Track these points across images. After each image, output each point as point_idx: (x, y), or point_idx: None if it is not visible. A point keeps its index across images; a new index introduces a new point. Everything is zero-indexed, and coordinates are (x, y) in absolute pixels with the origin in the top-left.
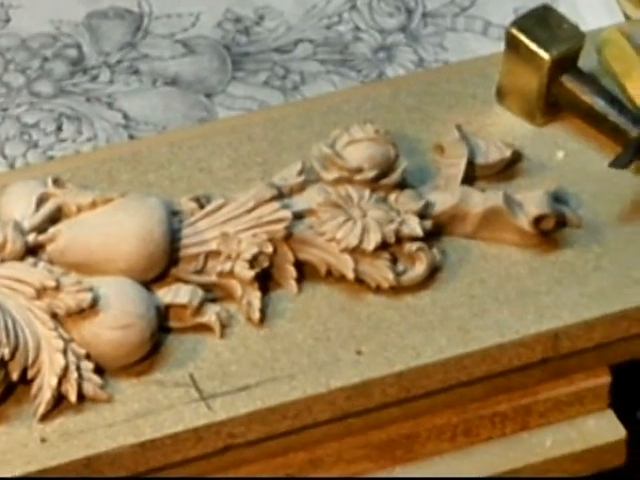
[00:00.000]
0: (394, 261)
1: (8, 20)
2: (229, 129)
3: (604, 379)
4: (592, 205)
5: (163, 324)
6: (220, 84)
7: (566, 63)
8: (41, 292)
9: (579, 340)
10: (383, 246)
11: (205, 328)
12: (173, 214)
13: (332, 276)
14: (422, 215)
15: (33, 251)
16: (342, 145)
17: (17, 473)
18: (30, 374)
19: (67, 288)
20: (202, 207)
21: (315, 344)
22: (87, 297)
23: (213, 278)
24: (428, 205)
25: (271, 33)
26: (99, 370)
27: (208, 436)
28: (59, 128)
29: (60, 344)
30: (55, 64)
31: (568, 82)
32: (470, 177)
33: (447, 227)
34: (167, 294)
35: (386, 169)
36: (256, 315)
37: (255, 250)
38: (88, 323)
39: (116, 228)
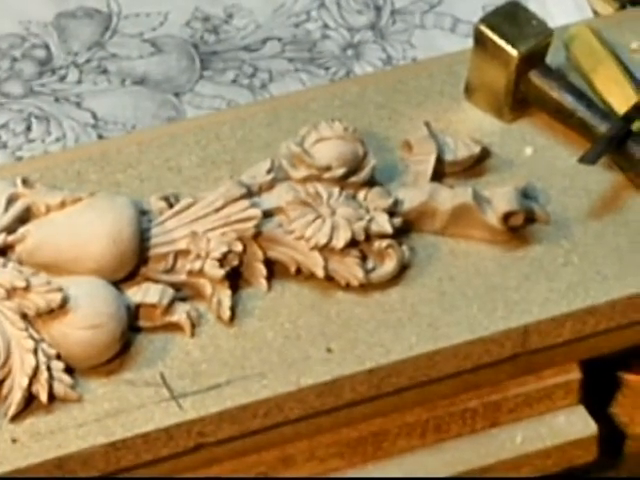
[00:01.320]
0: (363, 258)
1: None
2: (197, 128)
3: (574, 375)
4: (561, 201)
5: (133, 323)
6: (188, 83)
7: (534, 59)
8: (11, 292)
9: (548, 336)
10: (352, 244)
11: (175, 327)
12: (142, 213)
13: (302, 274)
14: (391, 212)
15: (2, 251)
16: (310, 143)
17: None
18: (1, 375)
19: (37, 288)
20: (171, 206)
21: (285, 342)
22: (57, 297)
23: (183, 277)
24: (397, 202)
25: (239, 32)
26: (69, 370)
27: (179, 435)
28: (28, 128)
29: (30, 344)
30: (24, 64)
31: (536, 78)
32: (439, 174)
33: (416, 224)
34: (137, 293)
35: (355, 167)
36: (226, 314)
37: (224, 249)
38: (58, 323)
39: (85, 228)
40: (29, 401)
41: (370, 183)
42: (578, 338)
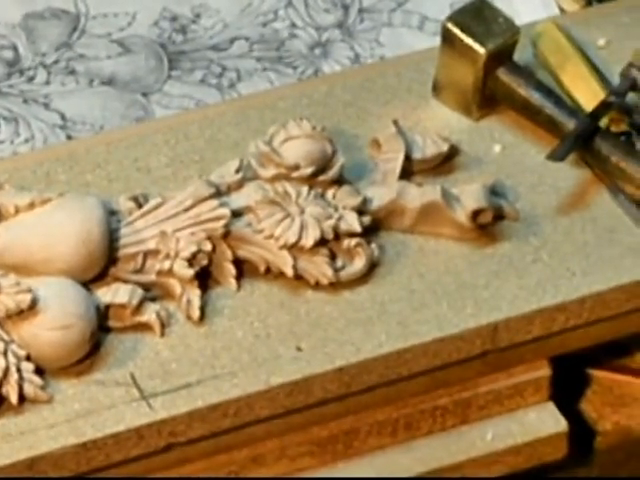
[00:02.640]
0: (333, 257)
1: None
2: (166, 128)
3: (544, 371)
4: (530, 198)
5: (103, 324)
6: (157, 83)
7: (502, 57)
8: None
9: (518, 333)
10: (322, 242)
11: (145, 327)
12: (111, 214)
13: (271, 273)
14: (360, 211)
15: None
16: (279, 142)
17: None
18: None
19: (6, 289)
20: (140, 206)
21: (255, 341)
22: (26, 298)
23: (152, 277)
24: (366, 201)
25: (207, 31)
26: (39, 371)
27: (149, 435)
28: None
29: (0, 346)
30: None
31: (504, 76)
32: (407, 172)
33: (385, 222)
34: (106, 294)
35: (323, 165)
36: (196, 313)
37: (194, 248)
38: (28, 324)
39: (54, 228)
40: None
41: (339, 182)
42: (547, 335)
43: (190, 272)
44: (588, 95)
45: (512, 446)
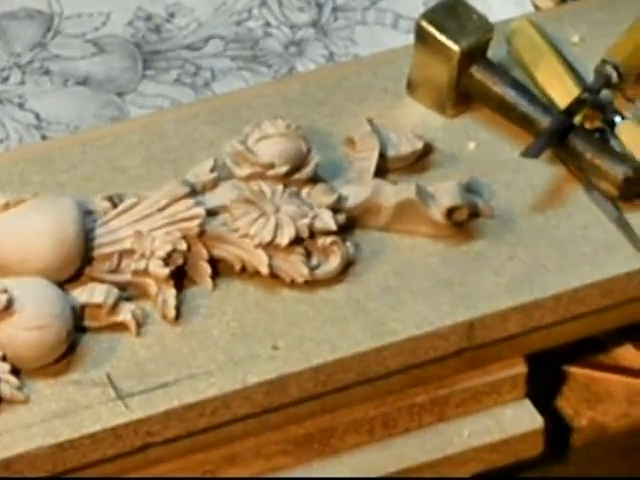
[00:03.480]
0: (308, 255)
1: None
2: (141, 127)
3: (520, 369)
4: (505, 195)
5: (79, 324)
6: (131, 83)
7: (476, 54)
8: None
9: (494, 330)
10: (297, 241)
11: (121, 327)
12: (86, 214)
13: (246, 272)
14: (335, 209)
15: None
16: (254, 141)
17: None
18: None
19: None
20: (115, 206)
21: (231, 340)
22: (2, 299)
23: (128, 277)
24: (341, 199)
25: (181, 30)
26: (15, 371)
27: (126, 435)
28: None
29: None
30: None
31: (478, 73)
32: (382, 170)
33: (360, 220)
34: (82, 294)
35: (298, 164)
36: (171, 313)
37: (169, 248)
38: (3, 324)
39: (30, 229)
40: None
41: (314, 180)
42: (523, 332)
43: (165, 271)
44: (562, 92)
45: (489, 443)
